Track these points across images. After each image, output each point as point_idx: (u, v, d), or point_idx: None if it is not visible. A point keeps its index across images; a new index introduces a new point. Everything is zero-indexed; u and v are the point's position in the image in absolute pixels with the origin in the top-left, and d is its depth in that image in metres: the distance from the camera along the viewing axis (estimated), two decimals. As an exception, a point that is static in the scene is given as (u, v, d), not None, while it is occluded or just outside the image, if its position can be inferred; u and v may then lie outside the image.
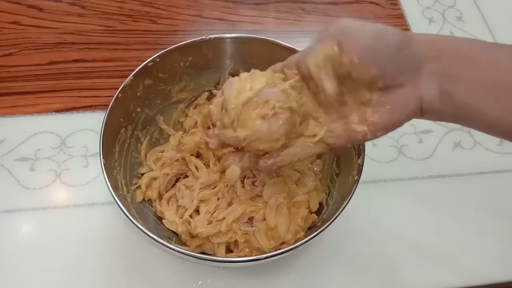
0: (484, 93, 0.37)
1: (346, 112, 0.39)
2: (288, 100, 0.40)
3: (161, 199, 0.55)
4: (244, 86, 0.40)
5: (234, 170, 0.43)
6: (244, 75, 0.41)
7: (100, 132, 0.49)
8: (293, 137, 0.41)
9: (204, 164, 0.56)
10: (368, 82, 0.37)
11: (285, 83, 0.40)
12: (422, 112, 0.38)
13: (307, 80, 0.40)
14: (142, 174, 0.56)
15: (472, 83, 0.37)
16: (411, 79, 0.37)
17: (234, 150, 0.44)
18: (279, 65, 0.43)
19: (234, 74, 0.60)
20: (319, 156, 0.58)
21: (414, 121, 0.39)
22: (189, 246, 0.51)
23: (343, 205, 0.46)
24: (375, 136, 0.38)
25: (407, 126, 0.48)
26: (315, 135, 0.41)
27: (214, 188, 0.54)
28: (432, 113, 0.38)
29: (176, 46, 0.55)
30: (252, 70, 0.42)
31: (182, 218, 0.52)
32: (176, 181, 0.56)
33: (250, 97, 0.39)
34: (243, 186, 0.52)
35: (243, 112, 0.39)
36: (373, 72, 0.36)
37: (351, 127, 0.39)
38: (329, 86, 0.38)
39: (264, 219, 0.51)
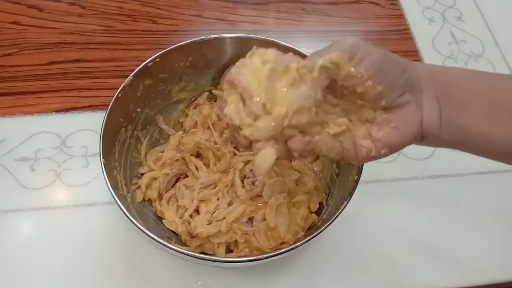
0: (489, 116, 0.38)
1: (354, 126, 0.39)
2: (299, 59, 0.36)
3: (161, 199, 0.55)
4: (256, 64, 0.36)
5: (270, 153, 0.35)
6: (244, 59, 0.37)
7: (100, 132, 0.49)
8: (321, 122, 0.38)
9: (204, 164, 0.56)
10: (372, 99, 0.37)
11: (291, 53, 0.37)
12: (422, 136, 0.39)
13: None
14: (142, 174, 0.56)
15: (475, 106, 0.38)
16: (414, 100, 0.37)
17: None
18: None
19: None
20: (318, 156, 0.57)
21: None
22: (189, 246, 0.51)
23: (343, 205, 0.46)
24: (379, 154, 0.38)
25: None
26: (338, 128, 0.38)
27: (214, 188, 0.54)
28: (430, 139, 0.39)
29: (176, 46, 0.55)
30: (251, 51, 0.37)
31: (182, 218, 0.52)
32: (176, 181, 0.56)
33: (270, 68, 0.35)
34: (243, 186, 0.52)
35: (270, 88, 0.35)
36: (379, 89, 0.36)
37: (358, 141, 0.38)
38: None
39: (264, 219, 0.51)
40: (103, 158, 0.48)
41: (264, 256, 0.44)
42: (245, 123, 0.35)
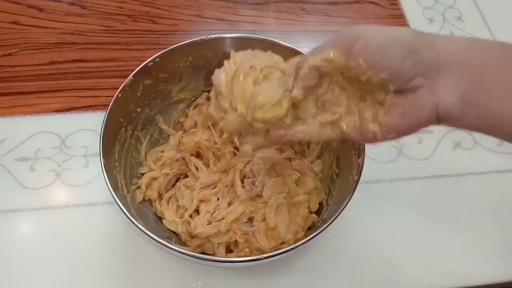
0: None
1: (364, 108, 0.39)
2: (272, 59, 0.40)
3: (161, 199, 0.55)
4: (229, 66, 0.40)
5: (246, 149, 0.42)
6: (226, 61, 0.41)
7: (100, 132, 0.49)
8: (309, 115, 0.41)
9: (204, 164, 0.56)
10: (380, 84, 0.37)
11: (266, 52, 0.41)
12: (439, 119, 0.37)
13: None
14: (142, 174, 0.56)
15: (506, 90, 0.35)
16: (427, 84, 0.36)
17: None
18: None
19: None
20: (319, 156, 0.58)
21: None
22: (189, 246, 0.51)
23: (343, 205, 0.46)
24: (385, 138, 0.38)
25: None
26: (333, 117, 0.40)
27: (214, 188, 0.54)
28: (450, 121, 0.37)
29: (176, 46, 0.55)
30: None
31: (182, 218, 0.52)
32: (176, 181, 0.56)
33: (235, 69, 0.39)
34: (243, 186, 0.52)
35: (235, 87, 0.39)
36: (382, 76, 0.35)
37: (365, 123, 0.38)
38: (296, 91, 0.39)
39: (264, 219, 0.51)
40: (103, 158, 0.48)
41: (264, 256, 0.44)
42: (219, 116, 0.40)
